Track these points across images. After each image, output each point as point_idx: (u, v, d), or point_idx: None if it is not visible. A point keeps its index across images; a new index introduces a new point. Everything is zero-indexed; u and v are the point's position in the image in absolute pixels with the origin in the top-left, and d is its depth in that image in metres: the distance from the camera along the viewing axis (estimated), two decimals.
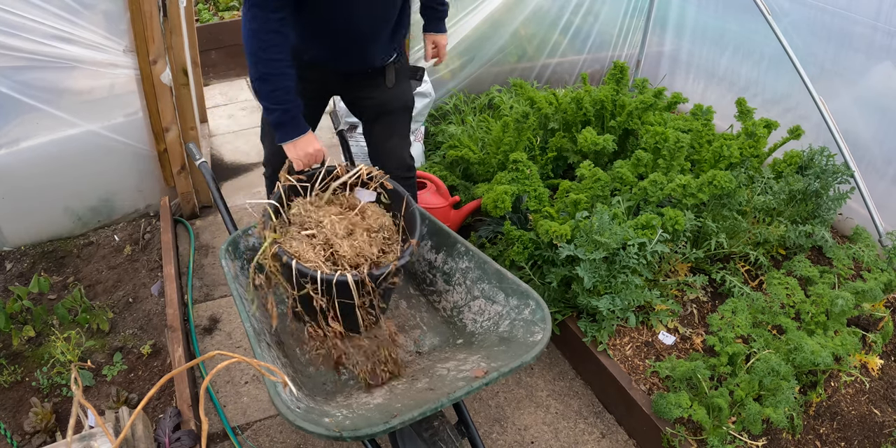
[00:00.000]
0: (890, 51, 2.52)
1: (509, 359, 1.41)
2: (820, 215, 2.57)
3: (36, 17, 2.27)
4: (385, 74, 2.12)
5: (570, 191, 2.36)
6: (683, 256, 2.34)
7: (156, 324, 2.42)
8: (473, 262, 1.72)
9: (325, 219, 1.64)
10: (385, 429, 1.22)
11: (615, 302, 2.13)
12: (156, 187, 2.96)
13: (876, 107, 2.65)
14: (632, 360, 2.18)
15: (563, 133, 2.88)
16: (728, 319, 2.11)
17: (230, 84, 4.41)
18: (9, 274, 2.65)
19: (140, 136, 2.76)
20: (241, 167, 3.55)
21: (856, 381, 2.14)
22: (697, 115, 2.83)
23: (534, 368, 2.39)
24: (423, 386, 1.43)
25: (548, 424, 2.18)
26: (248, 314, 1.49)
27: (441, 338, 1.74)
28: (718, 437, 1.86)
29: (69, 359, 2.18)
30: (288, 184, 1.70)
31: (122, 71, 2.55)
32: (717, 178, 2.25)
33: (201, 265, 2.83)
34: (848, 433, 2.00)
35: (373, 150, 2.31)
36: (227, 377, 2.31)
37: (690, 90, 3.62)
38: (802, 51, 2.72)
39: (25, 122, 2.48)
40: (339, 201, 1.73)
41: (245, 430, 2.13)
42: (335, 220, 1.64)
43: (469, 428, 1.65)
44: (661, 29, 3.69)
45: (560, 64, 3.64)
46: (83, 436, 1.62)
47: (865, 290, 2.12)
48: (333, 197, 1.74)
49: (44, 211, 2.74)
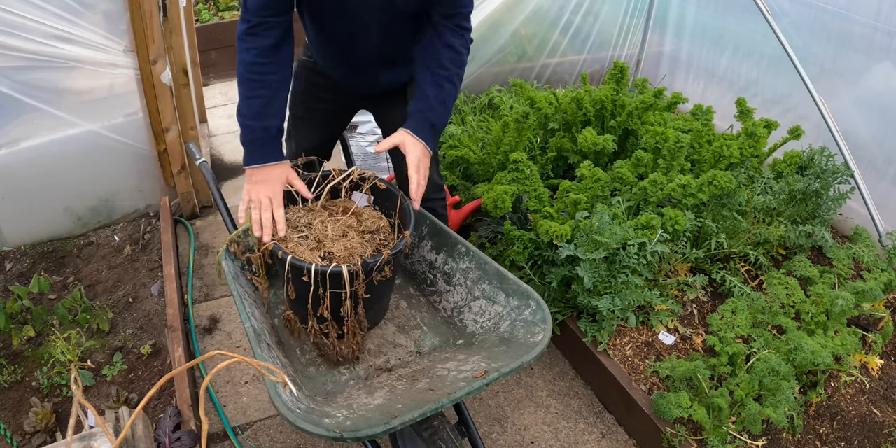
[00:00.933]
0: (890, 51, 2.52)
1: (510, 359, 1.41)
2: (820, 215, 2.57)
3: (36, 17, 2.27)
4: (406, 90, 2.00)
5: (570, 191, 2.36)
6: (683, 256, 2.34)
7: (156, 324, 2.42)
8: (474, 263, 1.72)
9: (315, 220, 1.64)
10: (385, 429, 1.22)
11: (615, 302, 2.13)
12: (156, 187, 2.96)
13: (876, 107, 2.65)
14: (632, 360, 2.18)
15: (563, 133, 2.88)
16: (728, 319, 2.11)
17: (230, 84, 4.41)
18: (9, 274, 2.65)
19: (140, 136, 2.76)
20: (241, 167, 3.55)
21: (856, 381, 2.14)
22: (697, 115, 2.83)
23: (534, 368, 2.39)
24: (423, 386, 1.43)
25: (548, 424, 2.18)
26: (248, 314, 1.49)
27: (441, 338, 1.74)
28: (718, 437, 1.86)
29: (69, 359, 2.18)
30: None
31: (122, 71, 2.55)
32: (717, 178, 2.25)
33: (201, 265, 2.83)
34: (848, 433, 2.01)
35: (399, 172, 2.13)
36: (227, 377, 2.31)
37: (690, 90, 3.62)
38: (802, 51, 2.72)
39: (25, 122, 2.48)
40: (336, 207, 1.74)
41: (245, 430, 2.13)
42: (328, 221, 1.65)
43: (469, 428, 1.65)
44: (661, 29, 3.69)
45: (560, 64, 3.64)
46: (83, 436, 1.62)
47: (865, 290, 2.12)
48: (329, 203, 1.75)
49: (44, 211, 2.74)
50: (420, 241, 1.88)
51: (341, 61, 1.90)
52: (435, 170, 2.23)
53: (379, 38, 1.77)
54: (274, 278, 1.91)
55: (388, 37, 1.78)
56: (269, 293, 1.88)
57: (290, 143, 2.21)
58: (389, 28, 1.74)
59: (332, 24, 1.76)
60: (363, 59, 1.86)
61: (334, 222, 1.66)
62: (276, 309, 1.82)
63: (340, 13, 1.70)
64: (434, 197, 2.24)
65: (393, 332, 1.77)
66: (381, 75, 1.93)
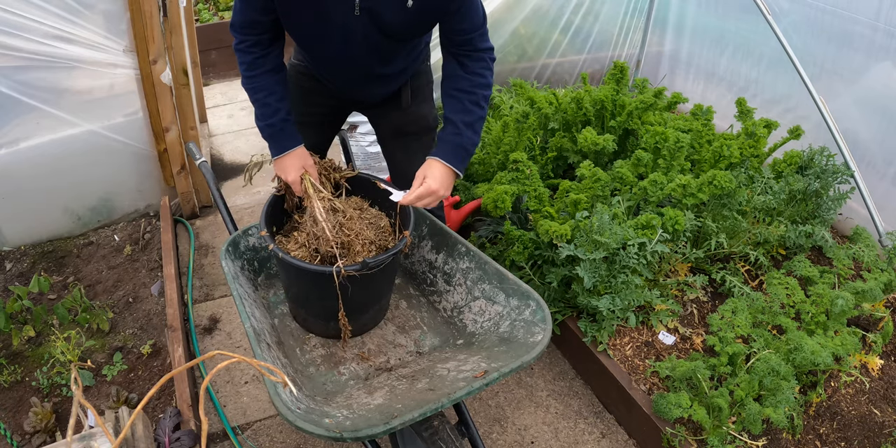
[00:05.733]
0: (890, 51, 2.52)
1: (510, 359, 1.41)
2: (820, 215, 2.57)
3: (36, 17, 2.27)
4: (400, 96, 1.96)
5: (570, 191, 2.36)
6: (683, 256, 2.34)
7: (156, 324, 2.42)
8: (474, 263, 1.72)
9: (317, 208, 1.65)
10: (385, 429, 1.22)
11: (615, 302, 2.13)
12: (156, 187, 2.96)
13: (876, 107, 2.65)
14: (632, 360, 2.18)
15: (563, 133, 2.88)
16: (728, 319, 2.11)
17: (230, 84, 4.41)
18: (9, 274, 2.64)
19: (140, 136, 2.76)
20: (241, 167, 3.55)
21: (856, 381, 2.14)
22: (697, 115, 2.83)
23: (534, 368, 2.39)
24: (423, 386, 1.43)
25: (548, 424, 2.18)
26: (248, 314, 1.49)
27: (441, 338, 1.74)
28: (718, 437, 1.86)
29: (69, 359, 2.18)
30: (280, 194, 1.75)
31: (122, 71, 2.55)
32: (717, 178, 2.25)
33: (201, 265, 2.83)
34: (848, 433, 2.00)
35: (395, 174, 2.15)
36: (227, 377, 2.31)
37: (690, 90, 3.62)
38: (802, 51, 2.72)
39: (25, 122, 2.48)
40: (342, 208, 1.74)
41: (245, 430, 2.13)
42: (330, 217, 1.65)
43: (469, 428, 1.66)
44: (661, 29, 3.69)
45: (560, 64, 3.64)
46: (83, 436, 1.62)
47: (865, 290, 2.12)
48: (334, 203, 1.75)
49: (44, 211, 2.74)
50: (420, 241, 1.88)
51: (331, 77, 1.88)
52: None
53: (367, 60, 1.74)
54: (273, 278, 1.91)
55: (375, 58, 1.74)
56: (269, 293, 1.88)
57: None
58: (376, 51, 1.71)
59: (320, 51, 1.75)
60: (353, 78, 1.84)
61: (334, 216, 1.67)
62: (276, 309, 1.82)
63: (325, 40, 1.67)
64: None
65: (393, 332, 1.77)
66: (372, 88, 1.91)
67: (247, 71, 1.72)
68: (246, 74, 1.73)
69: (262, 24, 1.64)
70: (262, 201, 3.25)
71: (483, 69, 1.71)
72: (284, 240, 1.70)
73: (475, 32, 1.68)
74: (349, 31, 1.61)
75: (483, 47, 1.71)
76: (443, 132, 1.71)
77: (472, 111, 1.69)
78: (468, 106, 1.69)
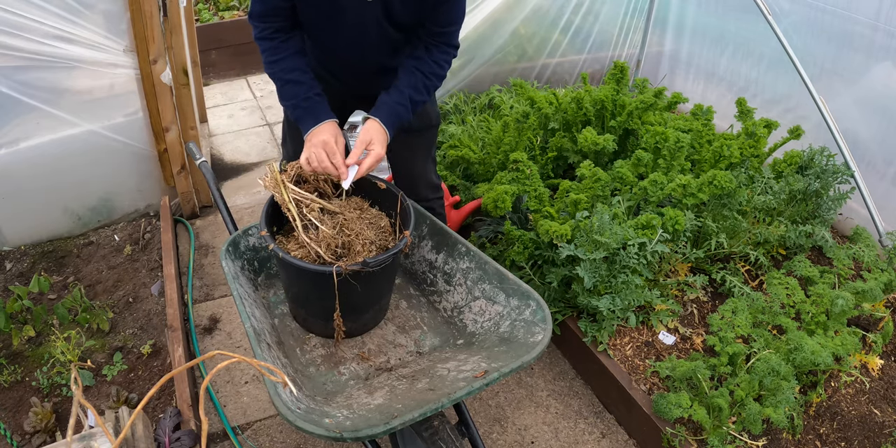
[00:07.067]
0: (890, 51, 2.52)
1: (510, 359, 1.41)
2: (820, 215, 2.57)
3: (36, 17, 2.27)
4: None
5: (571, 191, 2.36)
6: (683, 256, 2.34)
7: (156, 324, 2.42)
8: (474, 263, 1.72)
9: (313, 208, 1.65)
10: (385, 429, 1.22)
11: (615, 302, 2.13)
12: (156, 187, 2.96)
13: (876, 107, 2.65)
14: (632, 360, 2.18)
15: (563, 133, 2.88)
16: (728, 319, 2.11)
17: (230, 84, 4.41)
18: (9, 274, 2.64)
19: (140, 136, 2.76)
20: (241, 167, 3.55)
21: (856, 381, 2.14)
22: (697, 115, 2.83)
23: (534, 368, 2.39)
24: (423, 386, 1.43)
25: (548, 424, 2.18)
26: (248, 314, 1.49)
27: (441, 338, 1.74)
28: (718, 437, 1.86)
29: (69, 359, 2.18)
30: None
31: (122, 71, 2.55)
32: (717, 178, 2.25)
33: (201, 265, 2.83)
34: (848, 433, 2.01)
35: (397, 171, 2.18)
36: (227, 377, 2.31)
37: (690, 90, 3.62)
38: (802, 51, 2.72)
39: (25, 122, 2.48)
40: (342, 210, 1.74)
41: (245, 429, 2.13)
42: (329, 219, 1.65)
43: (469, 428, 1.66)
44: (661, 29, 3.69)
45: (560, 64, 3.64)
46: (83, 436, 1.62)
47: (865, 290, 2.12)
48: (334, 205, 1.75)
49: (44, 211, 2.74)
50: (420, 240, 1.88)
51: (338, 70, 1.92)
52: (431, 169, 2.23)
53: (375, 50, 1.81)
54: (273, 278, 1.91)
55: (384, 48, 1.81)
56: (269, 293, 1.88)
57: (287, 145, 2.22)
58: (386, 40, 1.78)
59: (331, 39, 1.79)
60: (359, 68, 1.89)
61: (334, 217, 1.67)
62: (276, 309, 1.82)
63: (338, 28, 1.74)
64: (432, 196, 2.23)
65: (393, 332, 1.77)
66: (375, 80, 1.94)
67: (271, 55, 1.73)
68: (271, 59, 1.74)
69: (283, 11, 1.69)
70: (262, 201, 3.25)
71: (445, 62, 1.81)
72: (284, 240, 1.70)
73: (453, 27, 1.77)
74: (362, 18, 1.68)
75: (454, 43, 1.81)
76: (389, 97, 1.76)
77: (421, 92, 1.79)
78: (421, 87, 1.78)
